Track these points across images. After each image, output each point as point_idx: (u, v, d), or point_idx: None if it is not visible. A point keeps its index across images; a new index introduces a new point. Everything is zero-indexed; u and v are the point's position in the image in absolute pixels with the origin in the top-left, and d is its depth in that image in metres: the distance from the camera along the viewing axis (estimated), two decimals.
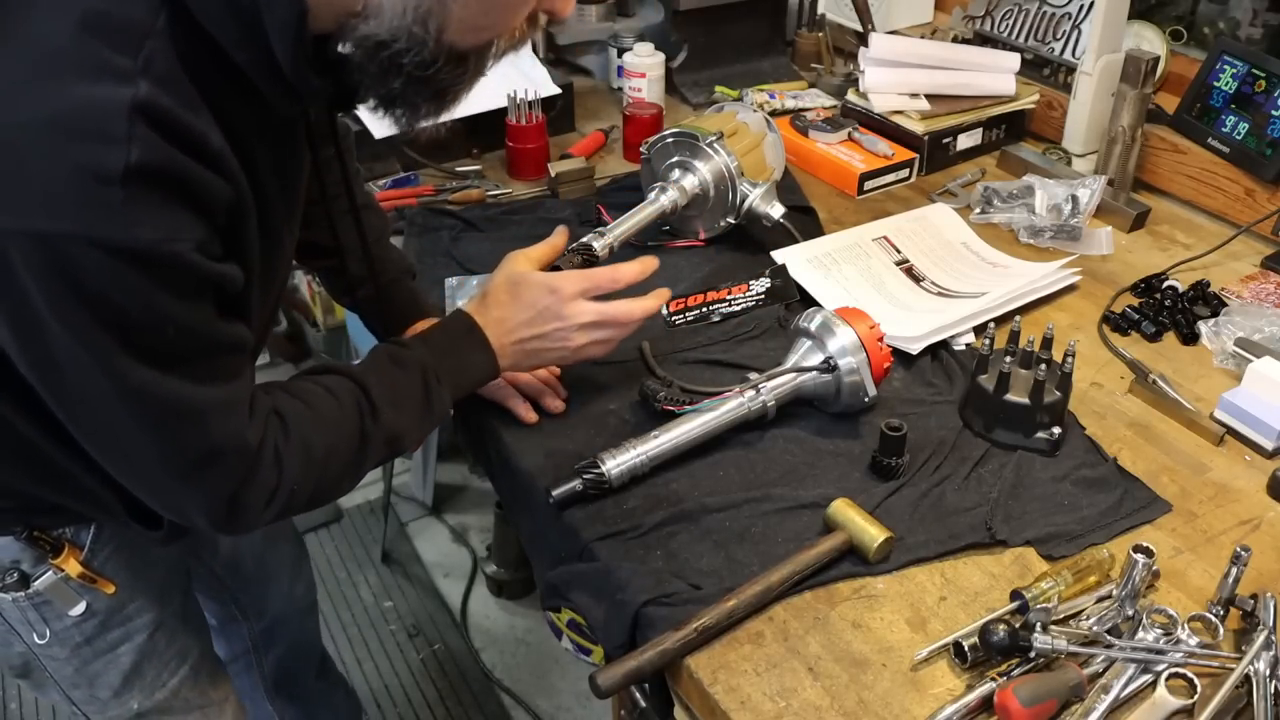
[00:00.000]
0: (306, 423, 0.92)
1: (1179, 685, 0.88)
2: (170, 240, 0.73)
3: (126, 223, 0.70)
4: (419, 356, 1.03)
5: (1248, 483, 1.14)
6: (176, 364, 0.78)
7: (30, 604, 1.04)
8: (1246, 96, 1.60)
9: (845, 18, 2.10)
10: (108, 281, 0.71)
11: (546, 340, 1.10)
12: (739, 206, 1.46)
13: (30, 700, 2.20)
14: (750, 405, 1.14)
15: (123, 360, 0.75)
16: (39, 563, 1.02)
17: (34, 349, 0.76)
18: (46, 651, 1.08)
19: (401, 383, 1.01)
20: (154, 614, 1.13)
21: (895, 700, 0.89)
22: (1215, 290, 1.43)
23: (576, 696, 2.19)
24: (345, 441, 0.95)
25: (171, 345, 0.77)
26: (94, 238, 0.70)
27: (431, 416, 1.03)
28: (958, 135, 1.77)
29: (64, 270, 0.70)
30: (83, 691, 1.13)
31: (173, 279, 0.74)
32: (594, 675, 0.90)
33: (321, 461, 0.92)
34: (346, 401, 0.96)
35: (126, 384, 0.76)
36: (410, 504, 2.66)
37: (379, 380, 0.99)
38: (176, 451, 0.82)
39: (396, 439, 1.00)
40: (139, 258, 0.71)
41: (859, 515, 1.01)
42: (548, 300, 1.08)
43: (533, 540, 1.16)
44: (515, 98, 1.66)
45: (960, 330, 1.33)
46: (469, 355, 1.07)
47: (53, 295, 0.71)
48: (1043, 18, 1.86)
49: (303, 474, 0.90)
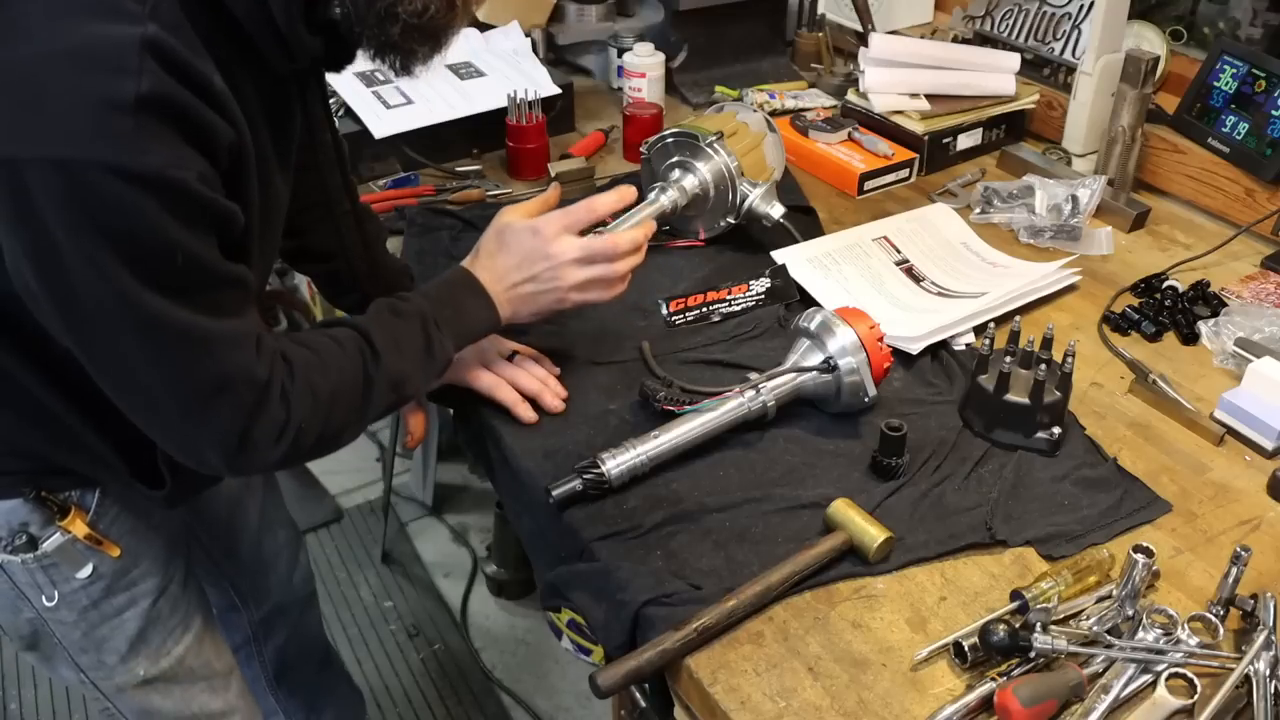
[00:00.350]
0: (312, 366, 0.95)
1: (1179, 685, 0.88)
2: (176, 167, 0.77)
3: (137, 149, 0.74)
4: (418, 305, 1.06)
5: (1248, 483, 1.14)
6: (186, 294, 0.82)
7: (39, 566, 1.06)
8: (1246, 96, 1.60)
9: (845, 18, 2.10)
10: (121, 207, 0.75)
11: (539, 282, 1.11)
12: (739, 206, 1.46)
13: (30, 700, 2.21)
14: (750, 405, 1.14)
15: (136, 288, 0.78)
16: (46, 525, 1.04)
17: (53, 281, 0.79)
18: (55, 615, 1.10)
19: (402, 330, 1.04)
20: (158, 580, 1.16)
21: (895, 700, 0.89)
22: (1215, 290, 1.43)
23: (576, 696, 2.19)
24: (350, 385, 0.98)
25: (181, 275, 0.81)
26: (108, 163, 0.73)
27: (434, 362, 1.06)
28: (958, 135, 1.77)
29: (80, 196, 0.74)
30: (90, 657, 1.15)
31: (180, 206, 0.78)
32: (594, 675, 0.90)
33: (327, 402, 0.95)
34: (350, 348, 0.99)
35: (139, 312, 0.79)
36: (410, 504, 2.66)
37: (380, 328, 1.02)
38: (188, 381, 0.85)
39: (400, 383, 1.02)
40: (150, 183, 0.75)
41: (859, 515, 1.01)
42: (532, 241, 1.10)
43: (533, 540, 1.16)
44: (515, 98, 1.66)
45: (960, 330, 1.33)
46: (466, 302, 1.10)
47: (70, 223, 0.75)
48: (1043, 18, 1.86)
49: (310, 413, 0.93)
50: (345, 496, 2.71)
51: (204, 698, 1.25)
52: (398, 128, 1.67)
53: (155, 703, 1.21)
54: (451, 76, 1.82)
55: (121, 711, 1.21)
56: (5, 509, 1.03)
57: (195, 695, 1.24)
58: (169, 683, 1.21)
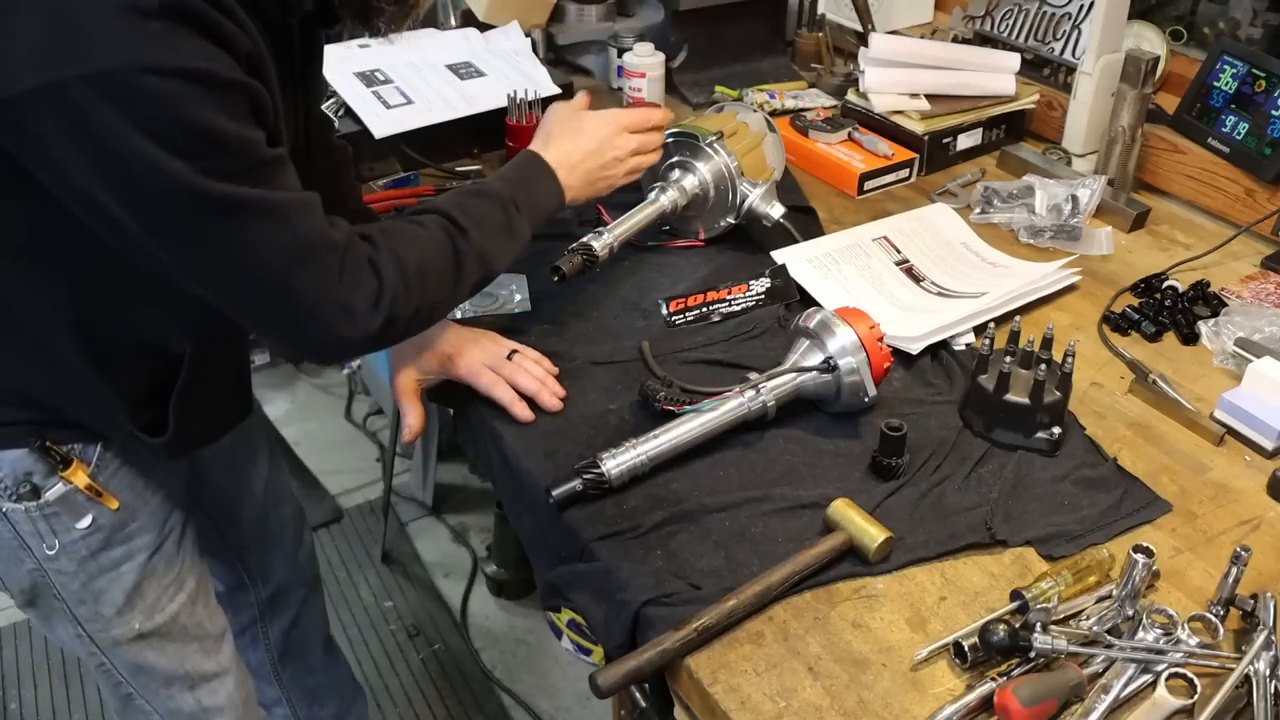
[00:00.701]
0: (394, 239, 1.00)
1: (1179, 685, 0.88)
2: (207, 60, 0.81)
3: (169, 47, 0.79)
4: (497, 187, 1.15)
5: (1248, 483, 1.14)
6: (246, 176, 0.86)
7: (41, 514, 1.09)
8: (1246, 96, 1.60)
9: (845, 18, 2.10)
10: (166, 104, 0.79)
11: (606, 166, 1.26)
12: (739, 206, 1.46)
13: (30, 700, 2.21)
14: (750, 405, 1.14)
15: (198, 179, 0.82)
16: (49, 475, 1.08)
17: (124, 192, 0.83)
18: (55, 565, 1.13)
19: (484, 209, 1.11)
20: (154, 535, 1.19)
21: (895, 700, 0.89)
22: (1215, 290, 1.43)
23: (576, 696, 2.19)
24: (437, 256, 1.03)
25: (236, 160, 0.85)
26: (146, 65, 0.78)
27: (515, 240, 1.14)
28: (958, 135, 1.77)
29: (127, 103, 0.78)
30: (88, 608, 1.17)
31: (219, 94, 0.83)
32: (594, 675, 0.90)
33: (417, 272, 1.00)
34: (432, 226, 1.05)
35: (209, 199, 0.84)
36: (410, 504, 2.66)
37: (461, 207, 1.09)
38: (272, 254, 0.89)
39: (487, 259, 1.09)
40: (187, 76, 0.80)
41: (859, 515, 1.01)
42: (607, 130, 1.27)
43: (533, 540, 1.16)
44: (515, 98, 1.66)
45: (960, 330, 1.33)
46: (540, 184, 1.20)
47: (124, 131, 0.79)
48: (1043, 18, 1.86)
49: (399, 281, 0.98)
50: (345, 496, 2.71)
51: (196, 658, 1.28)
52: (398, 128, 1.67)
53: (149, 659, 1.24)
54: (451, 76, 1.82)
55: (116, 667, 1.24)
56: (11, 458, 1.06)
57: (188, 655, 1.27)
58: (163, 639, 1.24)
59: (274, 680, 1.67)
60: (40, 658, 2.29)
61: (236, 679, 1.34)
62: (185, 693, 1.28)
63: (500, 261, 1.12)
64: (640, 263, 1.47)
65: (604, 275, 1.41)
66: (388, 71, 1.82)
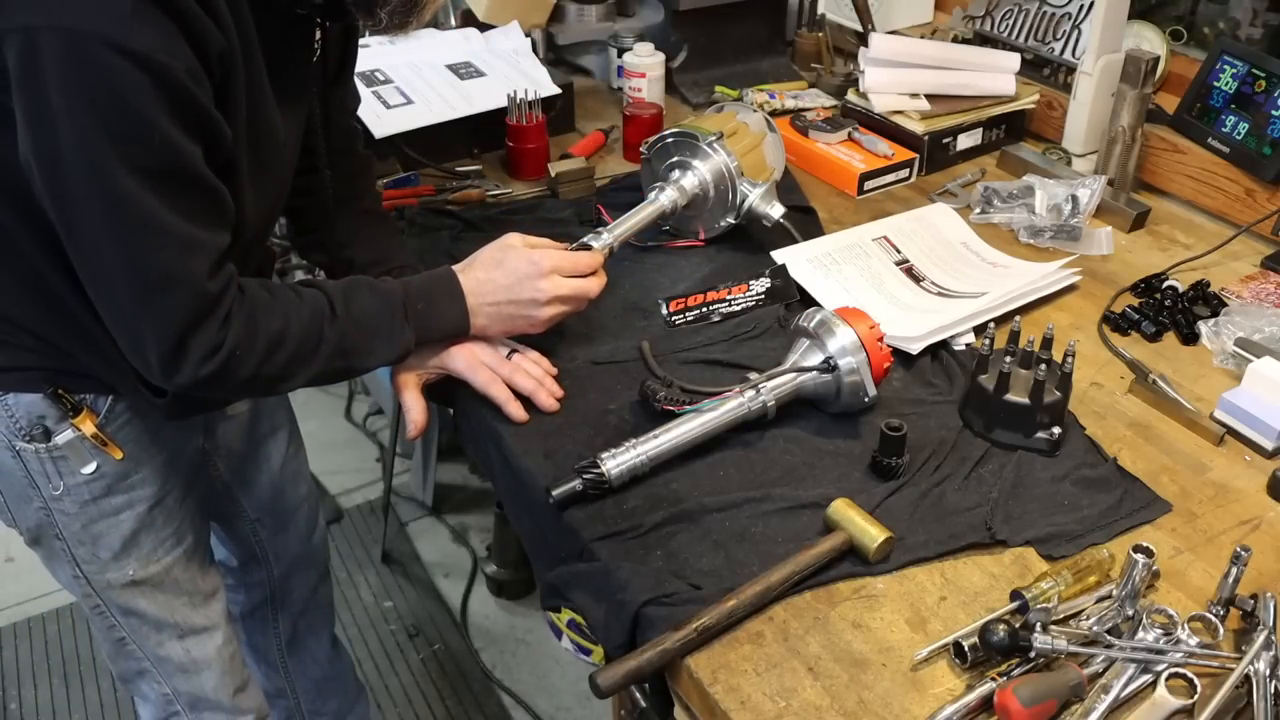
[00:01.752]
0: (261, 304, 1.02)
1: (1179, 685, 0.88)
2: (167, 53, 0.86)
3: (130, 29, 0.84)
4: (393, 289, 1.13)
5: (1248, 483, 1.14)
6: (157, 181, 0.89)
7: (49, 456, 1.15)
8: (1246, 96, 1.60)
9: (845, 18, 2.10)
10: (111, 78, 0.84)
11: (520, 308, 1.18)
12: (739, 206, 1.46)
13: (30, 700, 2.21)
14: (750, 405, 1.14)
15: (112, 162, 0.87)
16: (60, 420, 1.13)
17: (43, 145, 0.87)
18: (59, 505, 1.19)
19: (369, 304, 1.10)
20: (155, 489, 1.23)
21: (895, 700, 0.89)
22: (1215, 290, 1.43)
23: (576, 696, 2.19)
24: (297, 335, 1.04)
25: (156, 158, 0.89)
26: (104, 35, 0.83)
27: (391, 346, 1.12)
28: (958, 135, 1.77)
29: (78, 63, 0.84)
30: (86, 549, 1.22)
31: (165, 90, 0.86)
32: (594, 675, 0.90)
33: (267, 341, 1.02)
34: (308, 300, 1.06)
35: (111, 185, 0.88)
36: (410, 504, 2.66)
37: (346, 295, 1.09)
38: (141, 267, 0.93)
39: (350, 352, 1.09)
40: (140, 61, 0.84)
41: (859, 515, 1.01)
42: (528, 269, 1.17)
43: (533, 540, 1.16)
44: (515, 98, 1.66)
45: (960, 330, 1.33)
46: (442, 303, 1.15)
47: (66, 89, 0.84)
48: (1043, 18, 1.86)
49: (245, 345, 1.00)
50: (345, 496, 2.71)
51: (185, 611, 1.32)
52: (398, 128, 1.67)
53: (140, 605, 1.28)
54: (451, 76, 1.82)
55: (110, 609, 1.28)
56: (26, 401, 1.12)
57: (178, 607, 1.31)
58: (155, 588, 1.28)
59: (280, 669, 1.68)
60: (40, 658, 2.29)
61: (225, 636, 1.38)
62: (174, 641, 1.33)
63: (365, 359, 1.11)
64: (640, 263, 1.47)
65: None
66: (388, 71, 1.82)
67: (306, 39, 1.10)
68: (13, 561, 2.51)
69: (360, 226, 1.32)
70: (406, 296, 1.13)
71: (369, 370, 1.14)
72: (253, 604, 1.62)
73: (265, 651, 1.67)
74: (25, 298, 1.05)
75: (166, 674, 1.35)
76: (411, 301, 1.13)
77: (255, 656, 1.67)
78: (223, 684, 1.39)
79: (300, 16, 1.06)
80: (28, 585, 2.44)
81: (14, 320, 1.07)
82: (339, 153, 1.28)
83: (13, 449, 1.14)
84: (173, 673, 1.35)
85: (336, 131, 1.27)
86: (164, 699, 1.38)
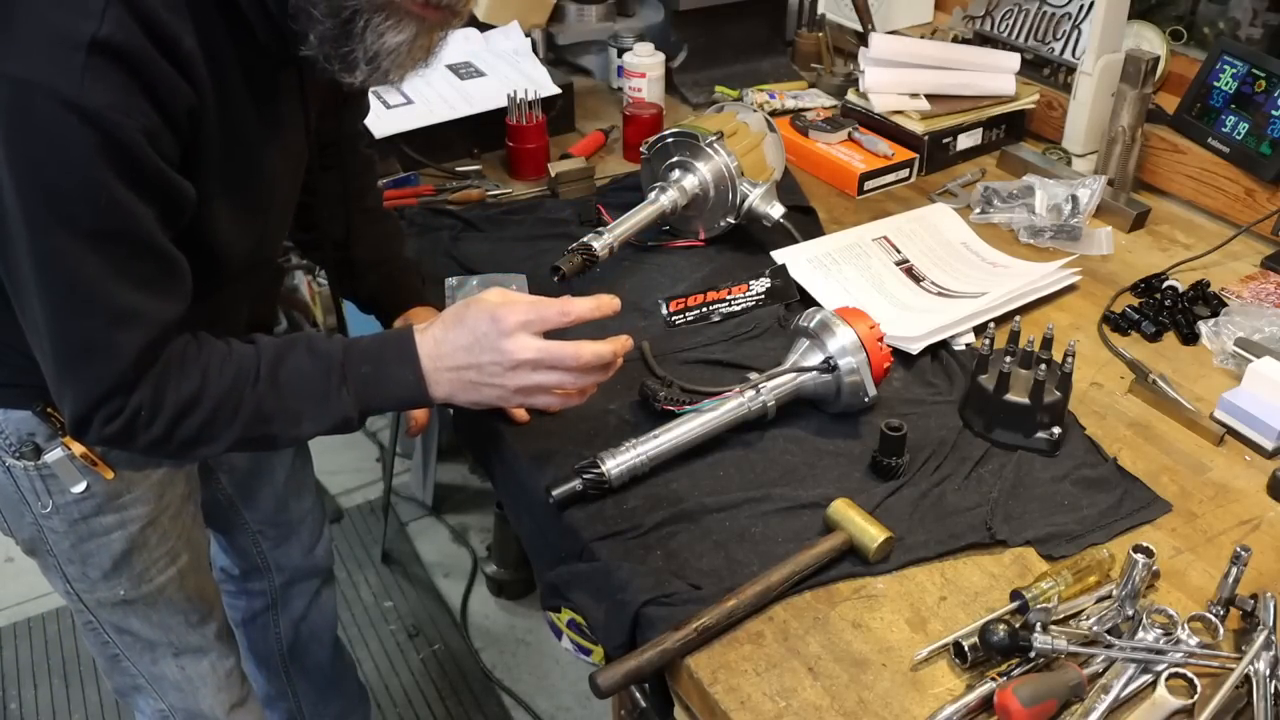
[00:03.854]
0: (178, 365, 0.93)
1: (1179, 685, 0.88)
2: (118, 111, 0.80)
3: (82, 86, 0.79)
4: (334, 351, 0.99)
5: (1248, 483, 1.14)
6: (100, 243, 0.85)
7: (39, 474, 1.12)
8: (1246, 96, 1.60)
9: (845, 18, 2.10)
10: (56, 133, 0.80)
11: (483, 374, 0.98)
12: (739, 206, 1.46)
13: (30, 700, 2.20)
14: (750, 405, 1.14)
15: (47, 219, 0.82)
16: (50, 438, 1.11)
17: None
18: (49, 523, 1.16)
19: (301, 368, 0.98)
20: (149, 508, 1.19)
21: (895, 700, 0.89)
22: (1215, 290, 1.43)
23: (576, 696, 2.19)
24: (214, 395, 0.95)
25: (102, 220, 0.84)
26: (52, 88, 0.79)
27: (325, 413, 0.99)
28: (958, 135, 1.77)
29: (23, 114, 0.79)
30: (76, 568, 1.20)
31: (116, 151, 0.81)
32: (594, 675, 0.90)
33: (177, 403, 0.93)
34: (236, 359, 0.97)
35: (42, 242, 0.83)
36: (410, 504, 2.66)
37: (279, 359, 0.98)
38: (64, 332, 0.88)
39: (270, 419, 0.97)
40: (88, 119, 0.79)
41: (859, 515, 1.01)
42: (487, 328, 0.97)
43: (533, 540, 1.16)
44: (515, 98, 1.66)
45: (960, 330, 1.33)
46: (390, 368, 1.00)
47: (10, 136, 0.80)
48: (1043, 18, 1.86)
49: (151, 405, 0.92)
50: (345, 496, 2.71)
51: (180, 630, 1.30)
52: (398, 128, 1.67)
53: (133, 624, 1.26)
54: (451, 76, 1.82)
55: (101, 626, 1.26)
56: (16, 418, 1.09)
57: (172, 626, 1.29)
58: (148, 608, 1.25)
59: (281, 673, 1.68)
60: (40, 658, 2.29)
61: (221, 653, 1.36)
62: (169, 659, 1.31)
63: (290, 428, 0.98)
64: (640, 263, 1.47)
65: (604, 275, 1.41)
66: None
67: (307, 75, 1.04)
68: (12, 561, 2.50)
69: (360, 225, 1.31)
70: (346, 358, 0.98)
71: (305, 439, 1.03)
72: (253, 611, 1.61)
73: (266, 656, 1.66)
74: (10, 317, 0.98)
75: (161, 691, 1.33)
76: (353, 364, 0.98)
77: (256, 660, 1.66)
78: (219, 701, 1.36)
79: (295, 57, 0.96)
80: (28, 585, 2.44)
81: (2, 338, 1.03)
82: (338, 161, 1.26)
83: (3, 464, 1.12)
84: (168, 690, 1.33)
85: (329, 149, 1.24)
86: (159, 714, 1.36)
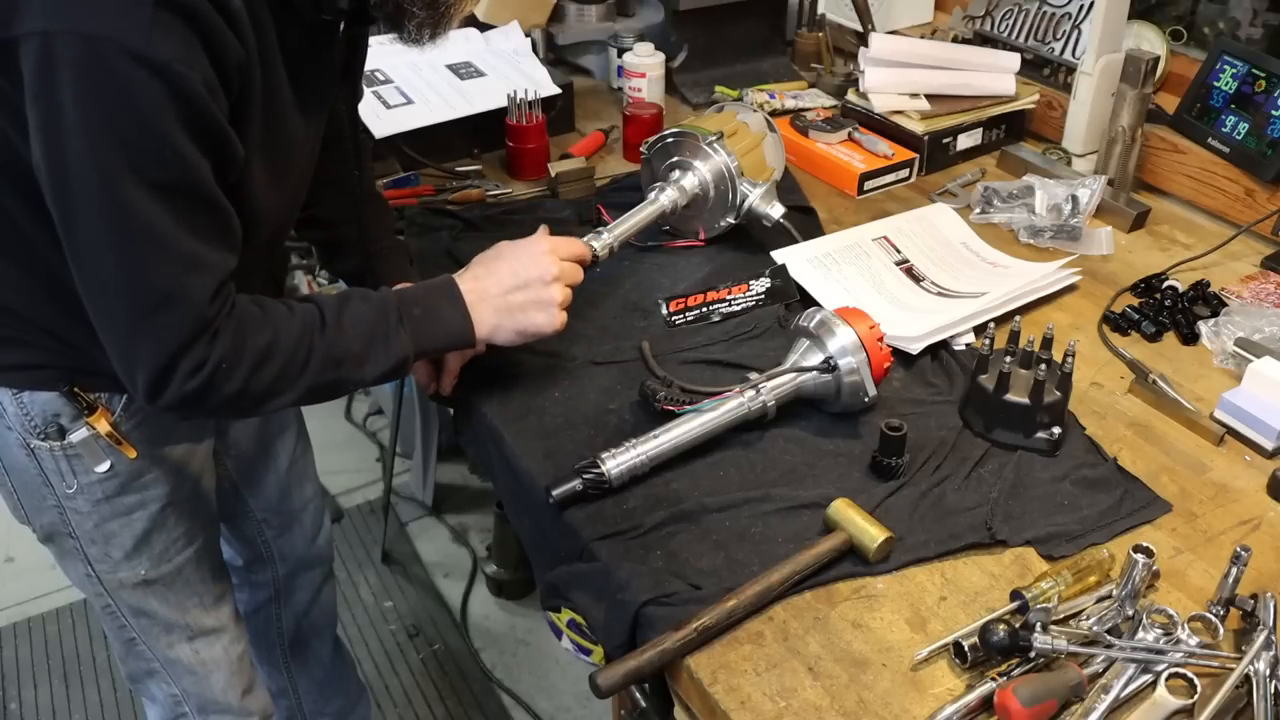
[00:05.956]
0: (251, 318, 0.98)
1: (1179, 685, 0.88)
2: (182, 64, 0.84)
3: (150, 38, 0.82)
4: (386, 296, 1.09)
5: (1248, 483, 1.14)
6: (165, 193, 0.88)
7: (64, 454, 1.15)
8: (1246, 96, 1.60)
9: (845, 18, 2.10)
10: (127, 86, 0.83)
11: (530, 292, 1.12)
12: (739, 206, 1.46)
13: (30, 700, 2.21)
14: (750, 405, 1.14)
15: (120, 170, 0.85)
16: (75, 419, 1.13)
17: (53, 150, 0.86)
18: (72, 504, 1.18)
19: (360, 311, 1.05)
20: (168, 488, 1.23)
21: (895, 700, 0.89)
22: (1215, 290, 1.43)
23: (576, 696, 2.19)
24: (285, 348, 1.00)
25: (167, 171, 0.87)
26: (123, 42, 0.82)
27: (386, 354, 1.06)
28: (958, 135, 1.77)
29: (94, 69, 0.82)
30: (99, 548, 1.22)
31: (181, 102, 0.85)
32: (594, 675, 0.90)
33: (255, 354, 0.97)
34: (299, 313, 1.02)
35: (117, 195, 0.86)
36: (410, 504, 2.66)
37: (340, 306, 1.05)
38: (142, 283, 0.90)
39: (342, 362, 1.03)
40: (157, 70, 0.83)
41: (859, 515, 1.01)
42: (527, 247, 1.13)
43: (533, 540, 1.16)
44: (515, 98, 1.66)
45: (960, 330, 1.33)
46: (440, 307, 1.10)
47: (80, 93, 0.83)
48: (1043, 18, 1.86)
49: (232, 357, 0.95)
50: (345, 496, 2.71)
51: (196, 611, 1.33)
52: (397, 128, 1.67)
53: (152, 605, 1.29)
54: (451, 76, 1.82)
55: (120, 609, 1.28)
56: (42, 399, 1.11)
57: (189, 608, 1.32)
58: (166, 588, 1.28)
59: (282, 668, 1.69)
60: (40, 658, 2.29)
61: (233, 636, 1.39)
62: (184, 643, 1.33)
63: (358, 370, 1.05)
64: (640, 263, 1.48)
65: (604, 275, 1.41)
66: (388, 71, 1.82)
67: (329, 43, 1.09)
68: (13, 561, 2.51)
69: (353, 206, 1.31)
70: (401, 302, 1.08)
71: (367, 384, 1.09)
72: (256, 603, 1.62)
73: (268, 651, 1.67)
74: (42, 297, 1.04)
75: (175, 675, 1.35)
76: (406, 307, 1.08)
77: (258, 656, 1.67)
78: (231, 685, 1.39)
79: (324, 22, 1.03)
80: (28, 585, 2.44)
81: (31, 319, 1.06)
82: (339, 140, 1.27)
83: (27, 446, 1.14)
84: (182, 674, 1.35)
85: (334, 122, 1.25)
86: (172, 700, 1.38)
